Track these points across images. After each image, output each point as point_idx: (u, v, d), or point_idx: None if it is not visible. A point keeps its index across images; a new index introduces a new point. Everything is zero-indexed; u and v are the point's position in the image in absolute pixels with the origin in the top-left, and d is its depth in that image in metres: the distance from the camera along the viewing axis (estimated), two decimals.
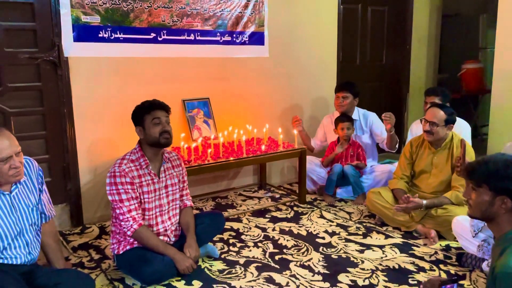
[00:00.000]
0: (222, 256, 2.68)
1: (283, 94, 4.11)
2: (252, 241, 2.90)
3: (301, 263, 2.60)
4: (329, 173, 3.72)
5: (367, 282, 2.37)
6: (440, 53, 5.53)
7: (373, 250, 2.77)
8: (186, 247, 2.44)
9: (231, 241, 2.90)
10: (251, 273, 2.48)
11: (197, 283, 2.37)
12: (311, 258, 2.66)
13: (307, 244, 2.85)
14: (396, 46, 5.04)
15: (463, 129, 3.46)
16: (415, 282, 2.37)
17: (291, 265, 2.57)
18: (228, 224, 3.14)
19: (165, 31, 3.35)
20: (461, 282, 2.35)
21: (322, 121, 4.09)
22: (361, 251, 2.75)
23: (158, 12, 3.31)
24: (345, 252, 2.74)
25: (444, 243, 2.84)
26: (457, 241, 2.68)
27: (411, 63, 5.08)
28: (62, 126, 3.07)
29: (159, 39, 3.34)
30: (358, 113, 3.92)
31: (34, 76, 2.96)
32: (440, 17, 5.36)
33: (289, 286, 2.34)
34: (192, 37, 3.49)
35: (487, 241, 2.35)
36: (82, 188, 3.18)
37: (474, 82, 5.68)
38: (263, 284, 2.36)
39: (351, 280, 2.40)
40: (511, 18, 3.89)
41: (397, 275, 2.45)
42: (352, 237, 2.96)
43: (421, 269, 2.51)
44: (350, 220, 3.28)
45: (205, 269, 2.53)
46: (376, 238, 2.95)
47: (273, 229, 3.10)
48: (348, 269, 2.52)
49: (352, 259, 2.64)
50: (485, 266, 2.36)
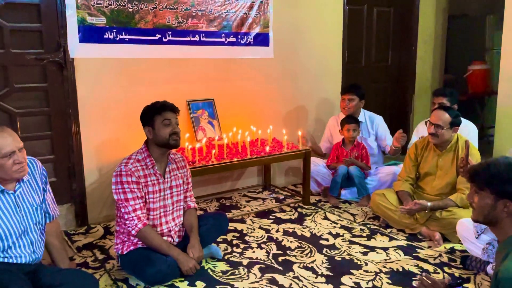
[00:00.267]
0: (226, 257, 2.68)
1: (288, 95, 4.10)
2: (256, 242, 2.90)
3: (305, 265, 2.59)
4: (334, 175, 3.72)
5: (371, 285, 2.37)
6: (446, 54, 5.49)
7: (377, 252, 2.76)
8: (190, 248, 2.45)
9: (235, 242, 2.90)
10: (254, 274, 2.48)
11: (200, 284, 2.37)
12: (315, 260, 2.65)
13: (311, 246, 2.85)
14: (402, 47, 5.02)
15: (470, 131, 3.44)
16: None
17: (295, 267, 2.57)
18: (232, 225, 3.15)
19: (170, 32, 3.36)
20: (466, 285, 2.33)
21: (328, 123, 4.08)
22: (365, 253, 2.74)
23: (163, 13, 3.32)
24: (349, 254, 2.73)
25: (449, 246, 2.82)
26: (462, 244, 2.66)
27: (417, 64, 5.05)
28: (68, 127, 3.09)
29: (164, 40, 3.35)
30: (364, 116, 3.91)
31: (40, 77, 2.99)
32: (446, 18, 5.33)
33: None
34: (197, 38, 3.50)
35: (492, 244, 2.34)
36: (87, 188, 3.20)
37: (480, 84, 5.65)
38: (266, 286, 2.36)
39: (355, 282, 2.39)
40: None
41: (401, 278, 2.44)
42: (356, 239, 2.96)
43: (425, 272, 2.49)
44: (354, 222, 3.27)
45: (209, 270, 2.53)
46: (380, 240, 2.94)
47: (277, 231, 3.10)
48: (352, 271, 2.51)
49: (356, 261, 2.64)
50: (490, 269, 2.34)
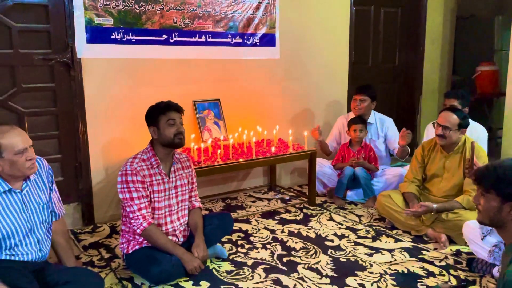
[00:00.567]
0: (230, 257, 2.69)
1: (294, 96, 4.10)
2: (261, 243, 2.90)
3: (309, 266, 2.59)
4: (340, 176, 3.71)
5: (375, 286, 2.36)
6: (454, 55, 5.45)
7: (382, 254, 2.75)
8: (194, 247, 2.46)
9: (240, 242, 2.90)
10: (259, 275, 2.48)
11: (205, 284, 2.38)
12: (319, 261, 2.65)
13: (316, 247, 2.84)
14: (409, 48, 4.99)
15: (480, 134, 3.37)
16: (424, 287, 2.35)
17: (299, 268, 2.57)
18: (237, 225, 3.15)
19: (177, 33, 3.38)
20: None
21: (337, 121, 4.06)
22: (370, 255, 2.73)
23: (170, 14, 3.33)
24: (354, 255, 2.72)
25: (455, 248, 2.81)
26: (468, 246, 2.64)
27: (424, 65, 5.01)
28: (75, 126, 3.11)
29: (171, 41, 3.37)
30: (375, 117, 3.89)
31: (48, 77, 3.01)
32: (454, 19, 5.29)
33: None
34: (204, 39, 3.51)
35: (498, 246, 2.32)
36: (94, 188, 3.22)
37: (489, 85, 5.60)
38: (271, 286, 2.36)
39: (359, 284, 2.38)
40: None
41: (406, 280, 2.43)
42: (361, 240, 2.95)
43: (431, 274, 2.48)
44: (360, 223, 3.26)
45: (213, 270, 2.54)
46: (386, 242, 2.93)
47: (282, 231, 3.10)
48: (356, 273, 2.50)
49: (361, 263, 2.63)
50: (496, 272, 2.33)
